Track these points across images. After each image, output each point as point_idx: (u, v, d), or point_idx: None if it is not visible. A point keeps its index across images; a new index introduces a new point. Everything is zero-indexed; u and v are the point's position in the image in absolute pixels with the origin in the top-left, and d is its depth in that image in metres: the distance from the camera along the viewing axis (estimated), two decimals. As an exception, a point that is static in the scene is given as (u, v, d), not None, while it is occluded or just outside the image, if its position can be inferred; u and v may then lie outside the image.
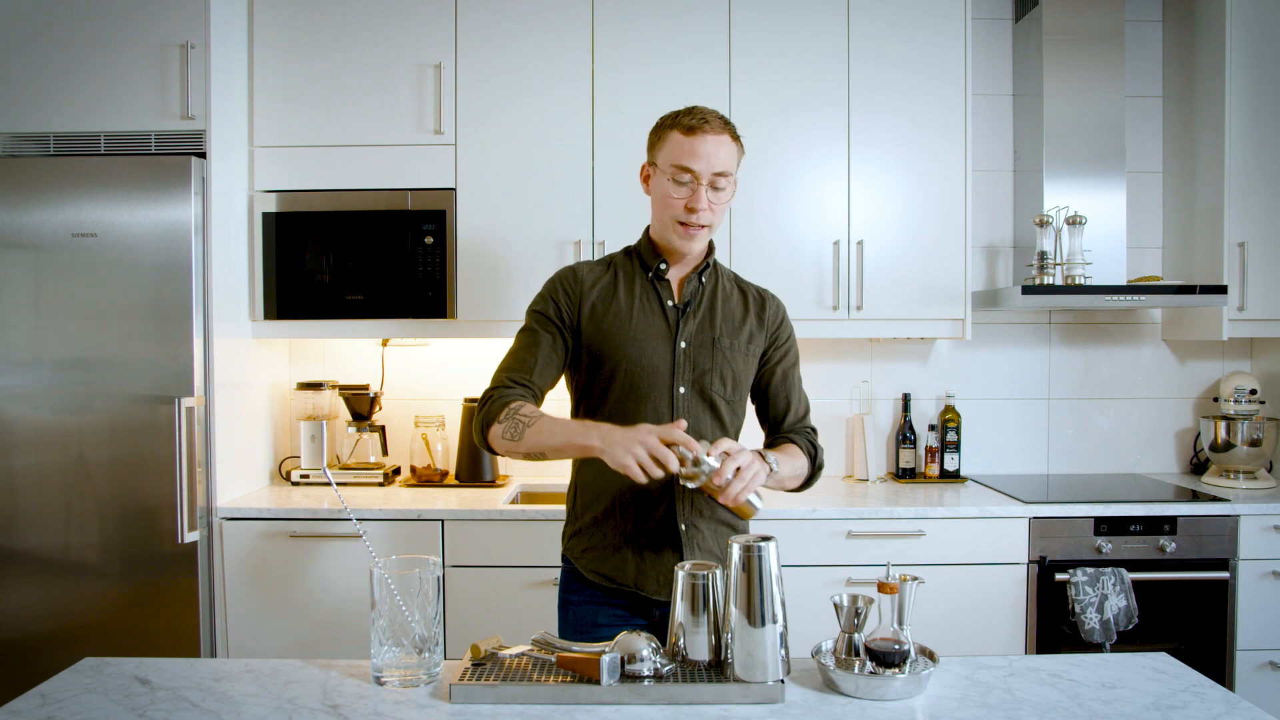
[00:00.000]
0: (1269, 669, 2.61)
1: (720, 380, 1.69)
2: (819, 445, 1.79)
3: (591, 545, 1.70)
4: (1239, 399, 2.99)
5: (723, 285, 1.76)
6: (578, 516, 1.74)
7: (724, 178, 1.63)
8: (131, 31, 2.55)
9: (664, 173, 1.65)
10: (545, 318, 1.70)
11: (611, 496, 1.67)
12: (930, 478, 3.08)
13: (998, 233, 3.20)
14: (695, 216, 1.62)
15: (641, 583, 1.66)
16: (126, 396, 2.47)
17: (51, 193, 2.47)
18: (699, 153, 1.60)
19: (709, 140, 1.60)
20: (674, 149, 1.63)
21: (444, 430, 3.04)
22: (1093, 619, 2.50)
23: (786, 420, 1.79)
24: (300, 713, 1.22)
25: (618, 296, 1.70)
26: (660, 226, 1.70)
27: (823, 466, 1.79)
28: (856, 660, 1.34)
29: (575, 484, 1.76)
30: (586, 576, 1.70)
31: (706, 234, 1.67)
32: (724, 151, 1.62)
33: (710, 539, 1.68)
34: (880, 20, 2.82)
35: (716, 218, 1.66)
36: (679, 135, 1.62)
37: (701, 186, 1.61)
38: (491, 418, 1.61)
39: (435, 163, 2.80)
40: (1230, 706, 1.25)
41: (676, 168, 1.62)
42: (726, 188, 1.64)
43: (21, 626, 2.47)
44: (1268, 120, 2.87)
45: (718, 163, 1.61)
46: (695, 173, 1.61)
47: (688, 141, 1.61)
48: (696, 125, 1.61)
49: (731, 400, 1.72)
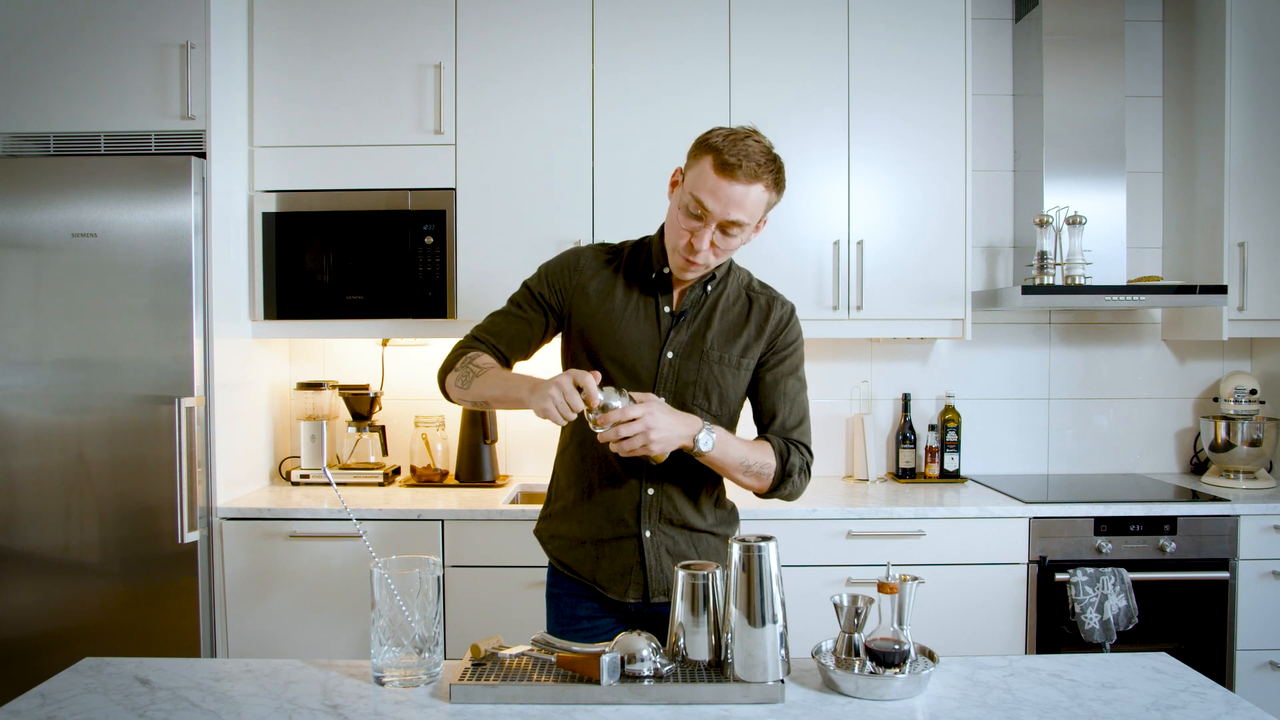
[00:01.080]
0: (1269, 669, 2.61)
1: (705, 395, 1.64)
2: (800, 458, 1.65)
3: (557, 534, 1.73)
4: (1239, 399, 2.99)
5: (728, 295, 1.69)
6: (551, 500, 1.78)
7: (737, 226, 1.52)
8: (131, 31, 2.55)
9: (685, 192, 1.54)
10: (533, 296, 1.72)
11: (581, 489, 1.69)
12: (930, 478, 3.08)
13: (998, 233, 3.20)
14: (694, 254, 1.55)
15: (599, 578, 1.67)
16: (126, 396, 2.47)
17: (51, 193, 2.47)
18: (720, 195, 1.49)
19: (737, 189, 1.49)
20: (700, 177, 1.51)
21: (444, 430, 3.03)
22: (1093, 619, 2.50)
23: (771, 429, 1.68)
24: (300, 713, 1.22)
25: (614, 293, 1.68)
26: (667, 244, 1.63)
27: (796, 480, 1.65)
28: (856, 660, 1.34)
29: (554, 472, 1.78)
30: (555, 565, 1.74)
31: (707, 268, 1.60)
32: (750, 201, 1.50)
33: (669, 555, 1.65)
34: (880, 20, 2.82)
35: (721, 257, 1.58)
36: (711, 166, 1.49)
37: (707, 229, 1.52)
38: (449, 365, 1.69)
39: (435, 163, 2.80)
40: (1230, 706, 1.25)
41: (693, 198, 1.51)
42: (738, 234, 1.54)
43: (21, 626, 2.47)
44: (1268, 120, 2.87)
45: (737, 211, 1.50)
46: (709, 212, 1.51)
47: (714, 179, 1.49)
48: (732, 165, 1.48)
49: (719, 415, 1.65)
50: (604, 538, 1.67)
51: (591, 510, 1.67)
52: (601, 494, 1.66)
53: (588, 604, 1.70)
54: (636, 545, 1.65)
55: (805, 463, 1.67)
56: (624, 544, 1.66)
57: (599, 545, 1.67)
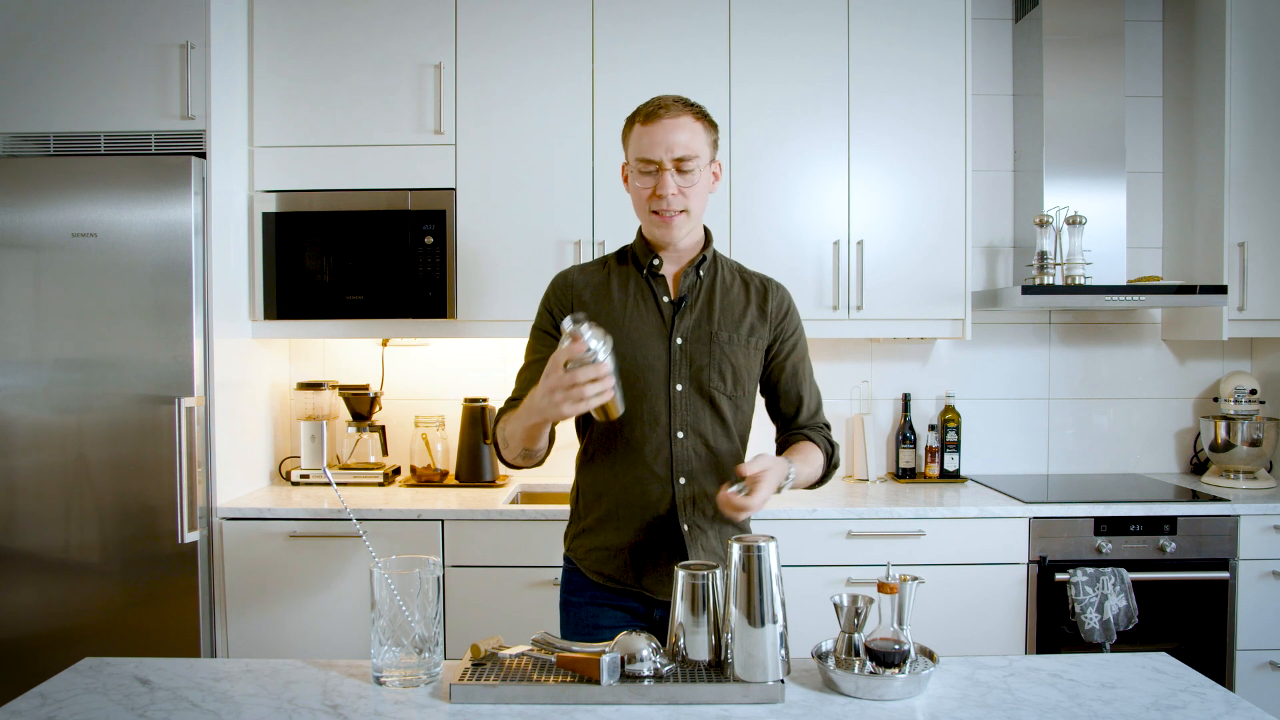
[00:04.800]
0: (1269, 669, 2.61)
1: (720, 376, 1.66)
2: (835, 442, 1.77)
3: (595, 546, 1.69)
4: (1239, 399, 2.99)
5: (723, 277, 1.72)
6: (581, 517, 1.73)
7: (689, 160, 1.59)
8: (131, 31, 2.55)
9: (632, 168, 1.64)
10: (543, 332, 1.71)
11: (613, 497, 1.67)
12: (930, 478, 3.08)
13: (998, 233, 3.20)
14: (663, 203, 1.59)
15: (645, 583, 1.65)
16: (126, 396, 2.47)
17: (51, 193, 2.47)
18: (656, 140, 1.58)
19: (665, 125, 1.58)
20: (636, 142, 1.62)
21: (444, 430, 3.04)
22: (1093, 619, 2.50)
23: (800, 416, 1.76)
24: (300, 713, 1.22)
25: (611, 295, 1.68)
26: (642, 223, 1.69)
27: (838, 465, 1.78)
28: (856, 660, 1.34)
29: (577, 485, 1.75)
30: (590, 577, 1.70)
31: (686, 220, 1.63)
32: (683, 135, 1.58)
33: (714, 539, 1.67)
34: (880, 20, 2.82)
35: (693, 202, 1.62)
36: (639, 127, 1.61)
37: (666, 173, 1.58)
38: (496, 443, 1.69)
39: (435, 163, 2.80)
40: (1230, 706, 1.25)
41: (640, 160, 1.60)
42: (694, 169, 1.60)
43: (21, 626, 2.47)
44: (1268, 120, 2.87)
45: (678, 147, 1.58)
46: (656, 161, 1.58)
47: (646, 131, 1.59)
48: (653, 112, 1.59)
49: (734, 396, 1.68)
50: (644, 540, 1.65)
51: (630, 516, 1.65)
52: (637, 498, 1.65)
53: (611, 613, 1.67)
54: (679, 543, 1.64)
55: (835, 443, 1.78)
56: (666, 543, 1.64)
57: (640, 550, 1.65)
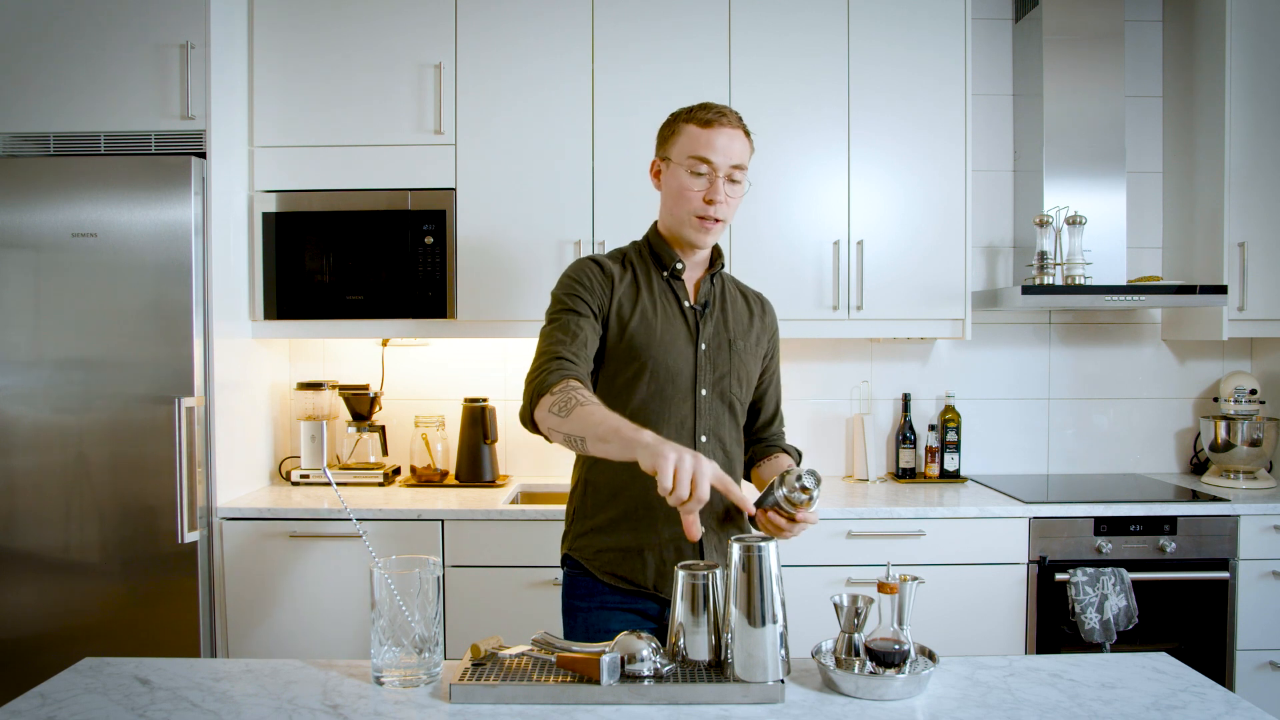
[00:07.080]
0: (1269, 669, 2.61)
1: (737, 382, 1.70)
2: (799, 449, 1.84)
3: (606, 547, 1.65)
4: (1239, 399, 2.99)
5: (729, 288, 1.78)
6: (589, 515, 1.68)
7: (740, 170, 1.63)
8: (131, 31, 2.55)
9: (680, 165, 1.63)
10: (582, 300, 1.61)
11: (632, 497, 1.63)
12: (930, 478, 3.08)
13: (998, 233, 3.20)
14: (713, 209, 1.61)
15: (661, 584, 1.63)
16: (126, 396, 2.47)
17: (51, 193, 2.47)
18: (716, 145, 1.60)
19: (725, 133, 1.61)
20: (690, 141, 1.62)
21: (444, 430, 3.04)
22: (1093, 619, 2.50)
23: (774, 425, 1.85)
24: (300, 713, 1.22)
25: (641, 295, 1.66)
26: (675, 222, 1.67)
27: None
28: (856, 660, 1.34)
29: (586, 482, 1.69)
30: (600, 579, 1.66)
31: (720, 229, 1.67)
32: (738, 146, 1.63)
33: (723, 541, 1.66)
34: (880, 20, 2.82)
35: (730, 212, 1.66)
36: (695, 128, 1.62)
37: (719, 178, 1.61)
38: (545, 387, 1.46)
39: (435, 163, 2.80)
40: (1230, 706, 1.25)
41: (694, 159, 1.61)
42: (741, 180, 1.64)
43: (21, 626, 2.47)
44: (1268, 120, 2.87)
45: (735, 155, 1.62)
46: (713, 164, 1.60)
47: (704, 134, 1.61)
48: (713, 119, 1.61)
49: (745, 401, 1.74)
50: (662, 541, 1.63)
51: (650, 517, 1.62)
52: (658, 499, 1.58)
53: (622, 616, 1.64)
54: (697, 544, 1.62)
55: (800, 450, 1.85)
56: (683, 544, 1.62)
57: (657, 550, 1.63)
